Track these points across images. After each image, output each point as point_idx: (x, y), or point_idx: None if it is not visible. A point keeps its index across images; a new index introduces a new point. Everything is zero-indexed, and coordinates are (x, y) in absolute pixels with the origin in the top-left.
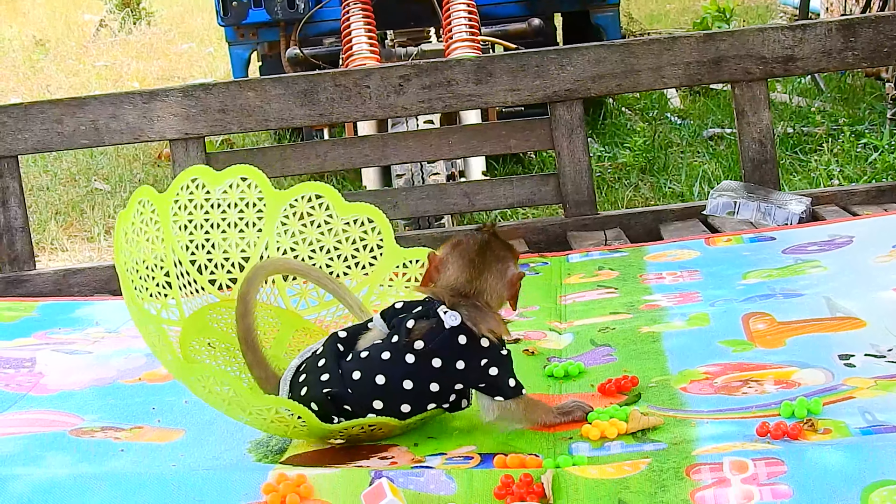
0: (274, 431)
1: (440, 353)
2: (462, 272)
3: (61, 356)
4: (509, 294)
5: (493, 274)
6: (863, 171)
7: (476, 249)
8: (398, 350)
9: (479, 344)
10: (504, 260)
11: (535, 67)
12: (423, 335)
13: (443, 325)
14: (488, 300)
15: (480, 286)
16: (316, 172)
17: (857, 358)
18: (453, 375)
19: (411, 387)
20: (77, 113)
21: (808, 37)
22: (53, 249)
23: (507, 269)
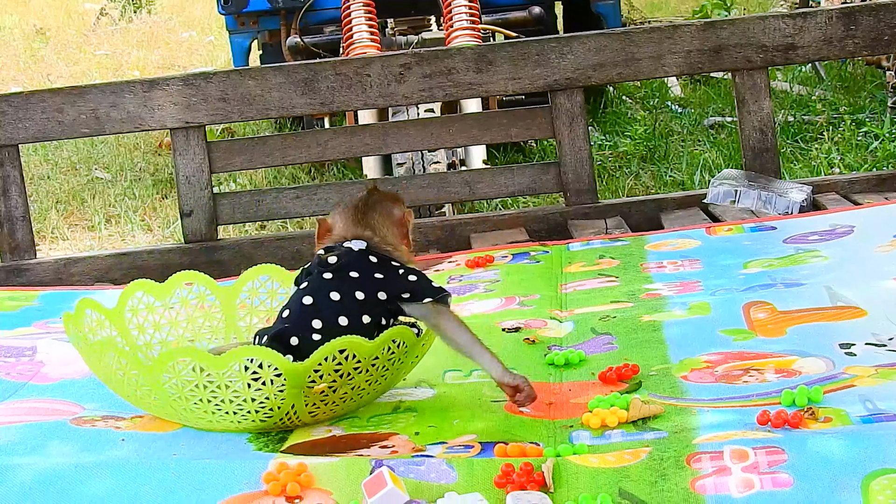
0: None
1: (354, 266)
2: (349, 224)
3: (62, 345)
4: (400, 233)
5: (380, 217)
6: (863, 160)
7: (358, 203)
8: (316, 276)
9: (391, 261)
10: (387, 204)
11: (535, 56)
12: (336, 255)
13: (351, 249)
14: (383, 239)
15: (370, 226)
16: (316, 161)
17: (857, 347)
18: (374, 284)
19: (339, 298)
20: (77, 102)
21: (808, 25)
22: (54, 238)
23: (392, 211)
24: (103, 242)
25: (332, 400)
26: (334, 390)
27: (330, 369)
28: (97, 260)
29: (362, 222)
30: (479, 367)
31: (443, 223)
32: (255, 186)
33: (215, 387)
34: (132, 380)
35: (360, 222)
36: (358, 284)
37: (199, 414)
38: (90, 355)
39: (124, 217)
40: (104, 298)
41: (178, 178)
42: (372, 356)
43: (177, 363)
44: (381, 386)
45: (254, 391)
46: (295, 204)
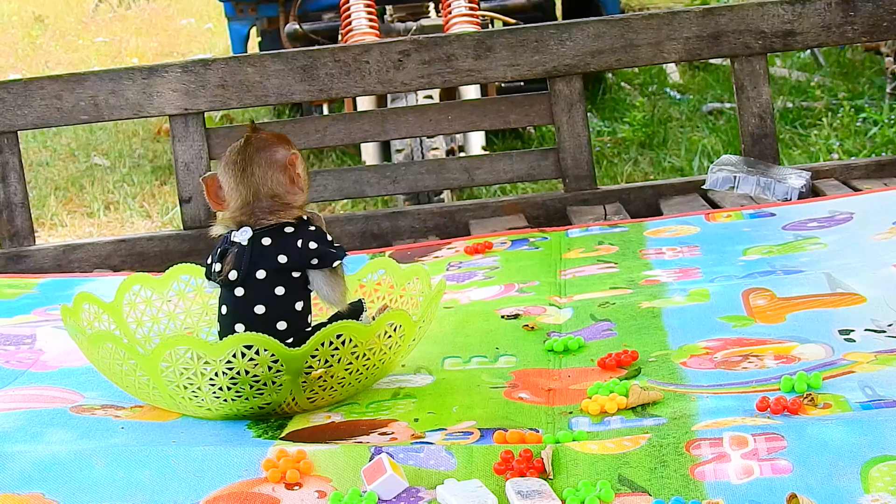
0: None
1: (256, 265)
2: (231, 180)
3: (61, 333)
4: (287, 178)
5: (262, 168)
6: (862, 146)
7: (237, 158)
8: (230, 295)
9: (284, 233)
10: (268, 151)
11: (534, 42)
12: (232, 266)
13: (242, 244)
14: (270, 193)
15: (254, 184)
16: (315, 148)
17: (857, 333)
18: (283, 272)
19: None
20: (77, 89)
21: (807, 11)
22: (53, 225)
23: (275, 155)
24: (102, 229)
25: (331, 385)
26: (332, 375)
27: (327, 354)
28: (96, 246)
29: (245, 180)
30: (478, 354)
31: (441, 209)
32: None
33: (213, 374)
34: (130, 370)
35: (242, 180)
36: (270, 282)
37: (198, 402)
38: (88, 347)
39: (123, 204)
40: (102, 287)
41: (177, 164)
42: (369, 340)
43: (174, 351)
44: (380, 371)
45: (251, 378)
46: None
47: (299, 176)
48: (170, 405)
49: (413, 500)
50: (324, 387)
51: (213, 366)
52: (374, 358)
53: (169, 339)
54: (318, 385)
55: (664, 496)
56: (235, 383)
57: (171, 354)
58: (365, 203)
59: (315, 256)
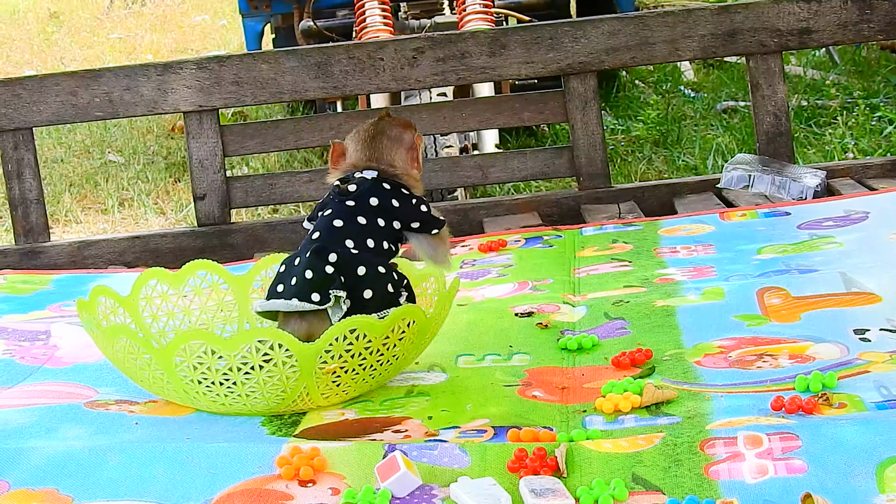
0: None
1: (373, 193)
2: (360, 149)
3: (76, 329)
4: (410, 157)
5: (389, 142)
6: (878, 145)
7: (370, 128)
8: (338, 203)
9: (402, 189)
10: (397, 129)
11: (548, 40)
12: (354, 183)
13: (364, 178)
14: (391, 164)
15: (379, 155)
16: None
17: (872, 332)
18: (392, 212)
19: (364, 222)
20: (92, 85)
21: (823, 9)
22: (67, 221)
23: (402, 136)
24: (116, 226)
25: (345, 381)
26: (345, 370)
27: (341, 349)
28: (111, 243)
29: (372, 148)
30: (492, 352)
31: (455, 207)
32: (267, 170)
33: (227, 369)
34: (145, 364)
35: (370, 148)
36: (378, 212)
37: (212, 397)
38: (103, 341)
39: (137, 200)
40: (117, 284)
41: (192, 161)
42: (383, 335)
43: (188, 346)
44: (394, 367)
45: (265, 373)
46: (308, 187)
47: (418, 160)
48: (184, 400)
49: (427, 498)
50: (337, 382)
51: (228, 360)
52: (388, 354)
53: (184, 334)
54: (331, 380)
55: (678, 495)
56: (250, 378)
57: (186, 349)
58: None
59: (418, 220)
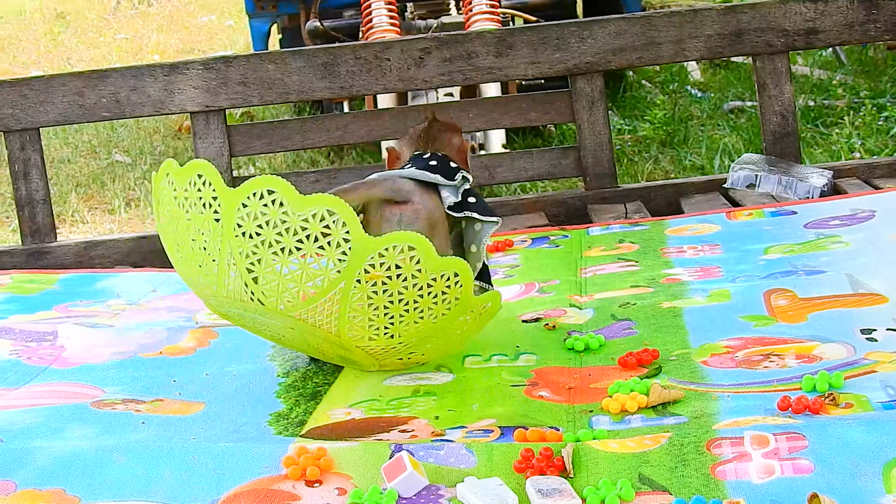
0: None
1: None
2: (413, 148)
3: (83, 329)
4: (460, 160)
5: (441, 145)
6: (884, 144)
7: (421, 133)
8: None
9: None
10: (448, 132)
11: (555, 40)
12: None
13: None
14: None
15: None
16: (336, 145)
17: (878, 332)
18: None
19: None
20: (98, 85)
21: (829, 9)
22: (74, 222)
23: (452, 139)
24: (123, 226)
25: (379, 303)
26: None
27: (393, 259)
28: (117, 243)
29: (426, 142)
30: (498, 352)
31: None
32: (274, 170)
33: (284, 229)
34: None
35: (424, 142)
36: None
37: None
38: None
39: (144, 200)
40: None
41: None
42: (433, 275)
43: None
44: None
45: (317, 246)
46: (314, 188)
47: (467, 162)
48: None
49: (433, 498)
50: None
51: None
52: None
53: (258, 179)
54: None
55: (685, 495)
56: (300, 248)
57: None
58: None
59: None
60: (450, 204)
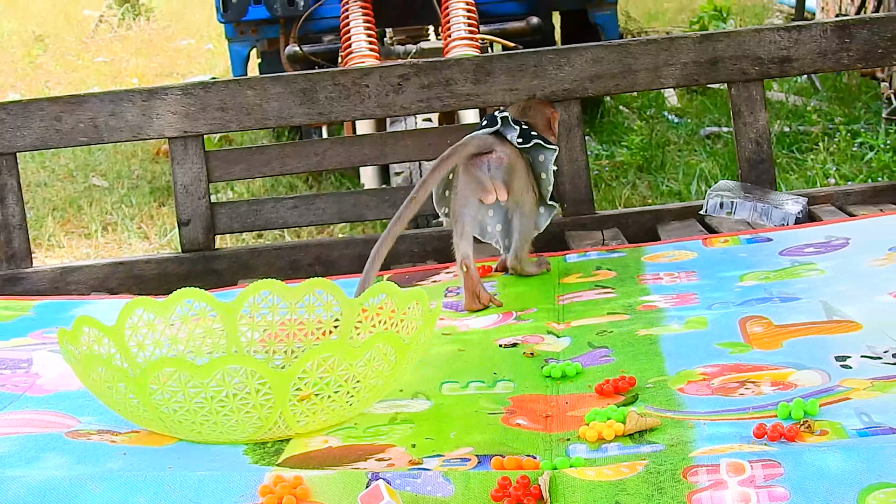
0: None
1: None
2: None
3: (58, 357)
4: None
5: (533, 111)
6: (859, 170)
7: (521, 103)
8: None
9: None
10: (540, 105)
11: (533, 67)
12: None
13: None
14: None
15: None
16: (314, 171)
17: (853, 359)
18: None
19: None
20: (76, 110)
21: (803, 38)
22: (50, 246)
23: (544, 109)
24: (100, 250)
25: (321, 407)
26: (321, 397)
27: (314, 376)
28: (94, 269)
29: (520, 113)
30: (476, 379)
31: (440, 233)
32: (252, 195)
33: (199, 396)
34: (121, 393)
35: (519, 113)
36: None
37: (188, 425)
38: (81, 370)
39: (121, 225)
40: (100, 310)
41: (176, 187)
42: (357, 361)
43: (162, 373)
44: (372, 394)
45: (238, 401)
46: (292, 213)
47: (553, 129)
48: (162, 429)
49: None
50: (313, 409)
51: (202, 388)
52: (365, 381)
53: (155, 362)
54: (307, 407)
55: None
56: (224, 405)
57: (159, 377)
58: (364, 226)
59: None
60: (516, 140)
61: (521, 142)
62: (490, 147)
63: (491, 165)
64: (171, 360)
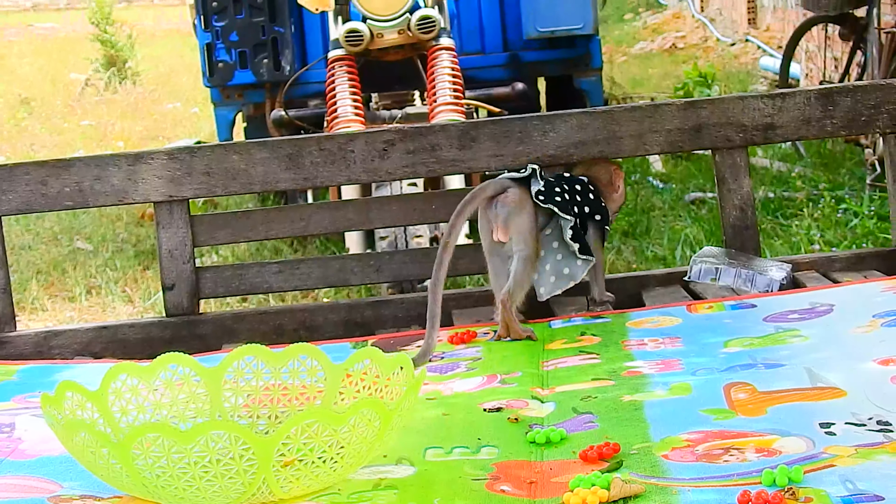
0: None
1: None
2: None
3: (41, 421)
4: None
5: (598, 166)
6: (843, 236)
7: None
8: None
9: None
10: (606, 162)
11: (518, 133)
12: None
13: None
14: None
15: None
16: (300, 235)
17: (837, 426)
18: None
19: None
20: (62, 175)
21: (787, 105)
22: (34, 309)
23: (609, 166)
24: (83, 314)
25: (305, 474)
26: (305, 463)
27: (298, 441)
28: (78, 333)
29: (586, 167)
30: (460, 445)
31: (425, 299)
32: (237, 259)
33: (184, 462)
34: (104, 458)
35: (585, 167)
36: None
37: (172, 491)
38: (64, 435)
39: (105, 288)
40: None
41: (161, 251)
42: (341, 427)
43: (145, 439)
44: (356, 460)
45: (222, 466)
46: (277, 278)
47: (616, 185)
48: (146, 494)
49: None
50: (297, 475)
51: (185, 454)
52: (349, 447)
53: (139, 427)
54: (291, 473)
55: None
56: (207, 471)
57: (142, 442)
58: (349, 291)
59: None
60: (538, 196)
61: (542, 199)
62: (504, 189)
63: (498, 205)
64: (155, 426)
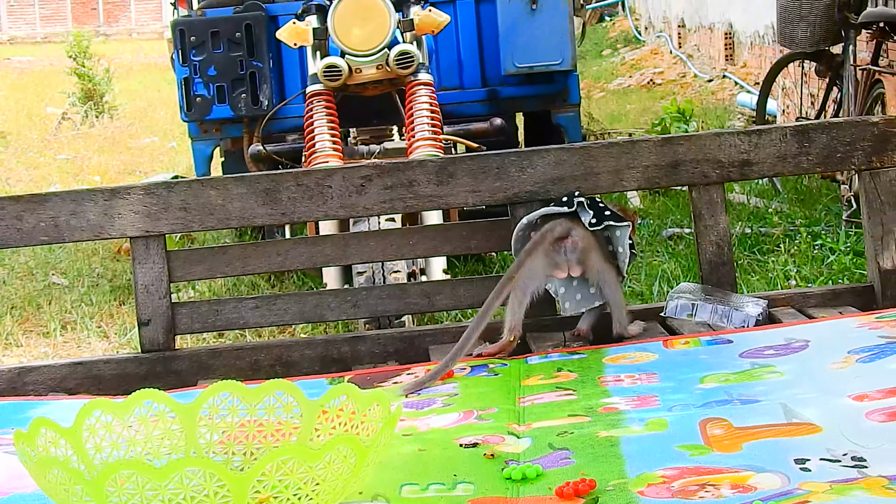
0: None
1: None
2: None
3: (14, 458)
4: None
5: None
6: (819, 272)
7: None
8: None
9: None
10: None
11: (496, 169)
12: None
13: None
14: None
15: None
16: (277, 271)
17: (812, 462)
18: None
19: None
20: (38, 210)
21: (763, 142)
22: (8, 345)
23: (627, 209)
24: (58, 349)
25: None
26: (279, 500)
27: (273, 478)
28: (52, 369)
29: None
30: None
31: (402, 334)
32: (213, 294)
33: (158, 499)
34: (77, 495)
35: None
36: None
37: None
38: (37, 471)
39: (80, 324)
40: (57, 411)
41: (137, 287)
42: (317, 464)
43: (119, 476)
44: (331, 496)
45: (196, 503)
46: (254, 314)
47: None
48: None
49: None
50: None
51: (159, 490)
52: (324, 483)
53: (113, 464)
54: None
55: None
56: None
57: (116, 479)
58: (326, 327)
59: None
60: (589, 221)
61: (594, 223)
62: (567, 231)
63: (567, 249)
64: (129, 463)
